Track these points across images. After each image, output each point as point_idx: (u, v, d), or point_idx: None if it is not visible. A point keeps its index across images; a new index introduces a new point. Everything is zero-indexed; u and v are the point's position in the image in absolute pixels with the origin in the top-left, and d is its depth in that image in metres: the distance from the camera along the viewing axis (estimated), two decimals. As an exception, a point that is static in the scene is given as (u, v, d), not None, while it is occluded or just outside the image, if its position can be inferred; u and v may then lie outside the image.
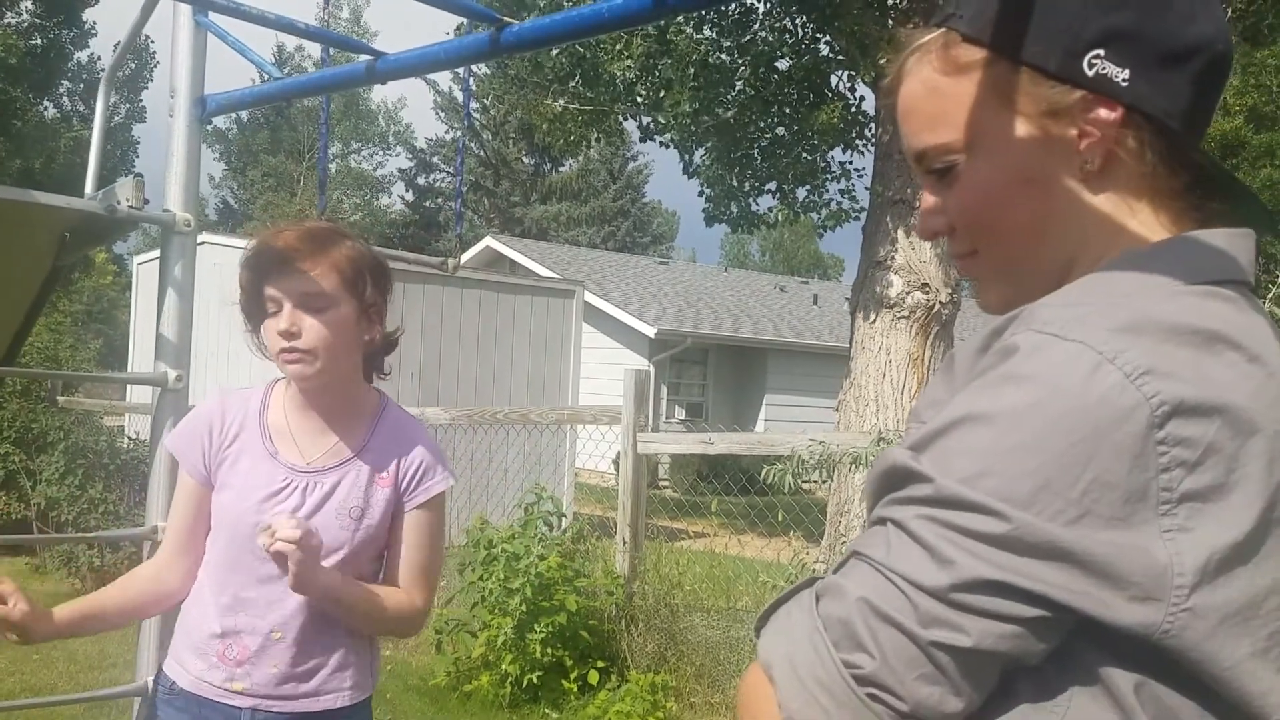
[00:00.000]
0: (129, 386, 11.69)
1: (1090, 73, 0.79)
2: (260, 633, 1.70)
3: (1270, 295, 4.43)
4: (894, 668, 0.69)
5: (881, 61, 7.29)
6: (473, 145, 33.45)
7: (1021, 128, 0.81)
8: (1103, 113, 0.79)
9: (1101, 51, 0.78)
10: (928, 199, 0.89)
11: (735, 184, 9.20)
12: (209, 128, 2.24)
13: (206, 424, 1.77)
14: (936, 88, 0.84)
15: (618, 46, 8.27)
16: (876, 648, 0.69)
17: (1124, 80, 0.79)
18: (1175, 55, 0.79)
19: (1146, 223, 0.82)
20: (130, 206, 1.85)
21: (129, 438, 8.44)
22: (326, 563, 1.68)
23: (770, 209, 9.37)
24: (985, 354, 0.76)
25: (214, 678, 1.71)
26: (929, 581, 0.69)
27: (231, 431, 1.76)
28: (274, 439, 1.76)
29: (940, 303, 7.84)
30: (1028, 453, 0.68)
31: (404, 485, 1.79)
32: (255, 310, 1.72)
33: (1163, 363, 0.68)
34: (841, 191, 9.09)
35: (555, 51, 8.90)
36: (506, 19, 1.48)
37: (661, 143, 9.11)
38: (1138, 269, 0.76)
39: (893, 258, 7.91)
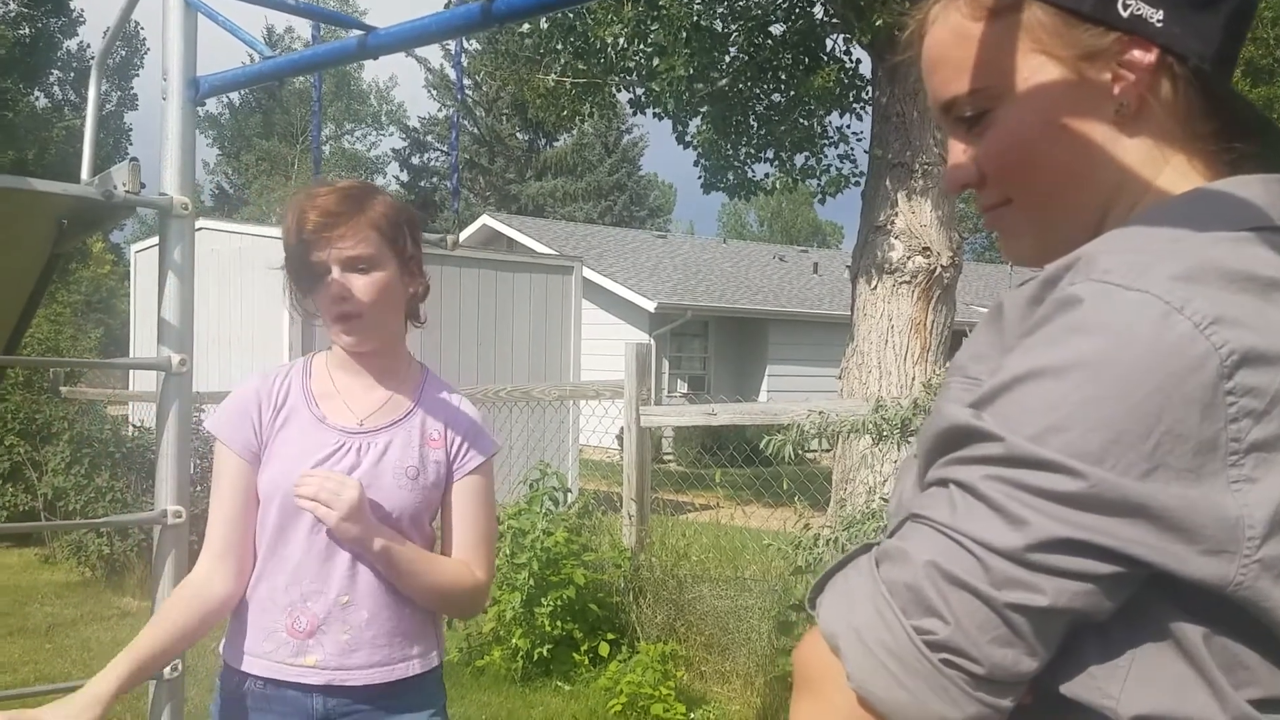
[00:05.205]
0: (131, 375, 11.70)
1: (1125, 14, 0.78)
2: (327, 599, 1.67)
3: None
4: (968, 631, 0.68)
5: (878, 22, 7.23)
6: (466, 122, 33.28)
7: (1055, 72, 0.80)
8: (1137, 54, 0.78)
9: None
10: (956, 149, 0.87)
11: (731, 152, 9.15)
12: (202, 111, 2.23)
13: (255, 399, 1.73)
14: (966, 33, 0.83)
15: (609, 15, 8.20)
16: (949, 612, 0.68)
17: (1158, 21, 0.78)
18: None
19: (1180, 168, 0.81)
20: (127, 191, 1.83)
21: (133, 426, 8.46)
22: (388, 525, 1.67)
23: (767, 175, 9.33)
24: (1040, 305, 0.74)
25: (283, 655, 1.67)
26: (1001, 543, 0.68)
27: (279, 400, 1.73)
28: (320, 404, 1.74)
29: (942, 266, 7.81)
30: (1098, 406, 0.67)
31: (453, 450, 1.77)
32: (303, 278, 1.69)
33: (1229, 311, 0.68)
34: (840, 156, 9.05)
35: (545, 24, 8.84)
36: (498, -11, 1.46)
37: (655, 114, 9.07)
38: (1182, 215, 0.75)
39: (893, 222, 7.87)
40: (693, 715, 4.40)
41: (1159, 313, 0.67)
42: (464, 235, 19.43)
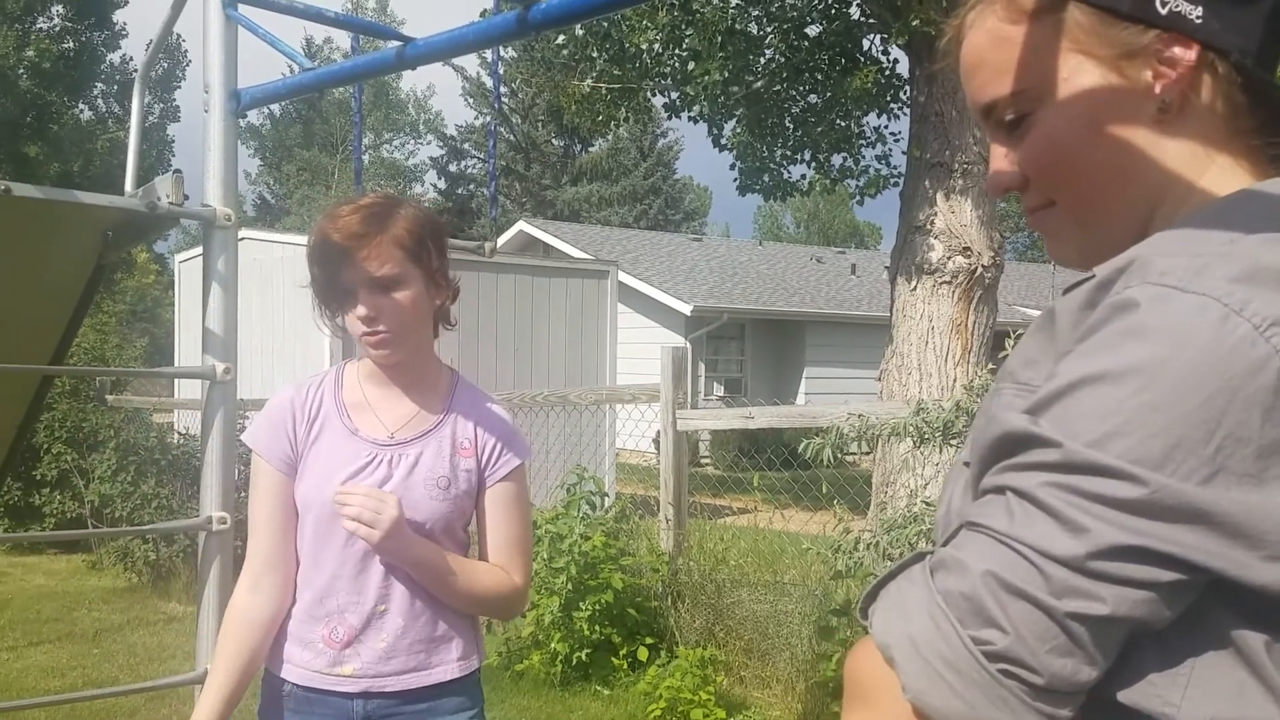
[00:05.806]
0: (176, 383, 11.88)
1: (1163, 11, 0.77)
2: (364, 609, 1.69)
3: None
4: (1027, 641, 0.67)
5: (914, 22, 7.17)
6: (502, 130, 33.48)
7: (1095, 72, 0.79)
8: (1178, 51, 0.78)
9: None
10: (997, 152, 0.87)
11: (767, 154, 9.11)
12: (243, 122, 2.25)
13: (290, 411, 1.75)
14: (1005, 37, 0.83)
15: (643, 21, 8.21)
16: (1008, 622, 0.67)
17: (1198, 18, 0.77)
18: None
19: (1225, 166, 0.80)
20: (170, 203, 1.86)
21: (179, 433, 8.58)
22: (420, 535, 1.69)
23: (804, 177, 9.28)
24: (1094, 309, 0.73)
25: (320, 664, 1.70)
26: (1061, 551, 0.67)
27: (313, 411, 1.75)
28: (352, 416, 1.75)
29: (983, 266, 7.72)
30: (1159, 411, 0.66)
31: (484, 458, 1.78)
32: (331, 299, 1.71)
33: None
34: (878, 157, 8.99)
35: (580, 31, 8.86)
36: (534, -3, 1.47)
37: (690, 117, 9.06)
38: (1232, 216, 0.74)
39: (932, 222, 7.80)
40: (733, 720, 4.38)
41: (1218, 315, 0.66)
42: (500, 241, 19.53)
